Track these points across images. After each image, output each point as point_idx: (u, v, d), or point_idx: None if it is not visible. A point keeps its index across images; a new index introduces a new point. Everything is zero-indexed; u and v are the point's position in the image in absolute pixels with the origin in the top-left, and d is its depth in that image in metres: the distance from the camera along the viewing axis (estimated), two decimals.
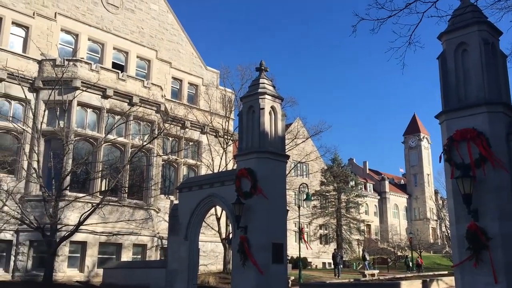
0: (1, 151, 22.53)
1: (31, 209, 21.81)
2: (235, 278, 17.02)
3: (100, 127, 24.61)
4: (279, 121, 18.41)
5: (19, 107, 23.61)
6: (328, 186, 51.59)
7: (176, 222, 19.77)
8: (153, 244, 25.90)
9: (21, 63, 23.45)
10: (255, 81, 18.81)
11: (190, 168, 31.52)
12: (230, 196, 17.53)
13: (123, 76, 26.15)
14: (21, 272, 21.60)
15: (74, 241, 22.04)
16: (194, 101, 32.53)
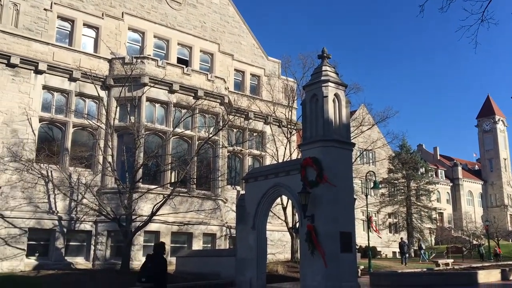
0: (78, 147, 23.98)
1: (108, 201, 23.07)
2: (304, 267, 17.04)
3: (168, 121, 25.46)
4: (343, 108, 18.08)
5: (93, 104, 24.95)
6: (397, 174, 50.09)
7: (243, 212, 20.09)
8: (222, 233, 26.53)
9: (93, 62, 24.72)
10: (318, 69, 18.57)
11: (255, 158, 31.84)
12: (295, 185, 17.52)
13: (188, 71, 26.83)
14: (100, 261, 22.96)
15: (148, 231, 23.05)
16: (257, 92, 32.73)
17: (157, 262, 9.32)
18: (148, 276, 9.07)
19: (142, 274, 9.26)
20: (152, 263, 9.30)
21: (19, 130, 22.19)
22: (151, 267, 9.24)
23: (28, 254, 21.64)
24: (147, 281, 9.07)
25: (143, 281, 9.17)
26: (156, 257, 9.49)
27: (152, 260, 9.36)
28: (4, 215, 21.11)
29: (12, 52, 22.45)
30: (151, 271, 9.11)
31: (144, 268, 9.28)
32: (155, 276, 9.15)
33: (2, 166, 21.39)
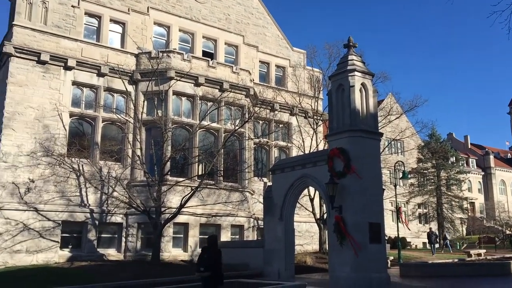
0: (108, 141, 24.44)
1: (137, 194, 23.48)
2: (332, 258, 17.01)
3: (195, 114, 25.66)
4: (370, 98, 17.87)
5: (121, 99, 25.34)
6: (426, 163, 49.20)
7: (270, 203, 20.17)
8: (249, 224, 26.68)
9: (120, 57, 25.07)
10: (344, 58, 18.40)
11: (281, 150, 31.81)
12: (323, 176, 17.47)
13: (213, 63, 26.92)
14: (131, 252, 23.44)
15: (177, 222, 23.38)
16: (282, 83, 32.60)
17: (213, 253, 10.04)
18: (206, 266, 9.83)
19: (200, 265, 9.99)
20: (208, 254, 10.01)
21: (51, 126, 22.76)
22: (207, 258, 9.95)
23: (62, 246, 22.26)
24: (205, 270, 9.81)
25: (201, 270, 9.89)
26: (211, 248, 10.19)
27: (208, 251, 10.08)
28: (38, 208, 21.74)
29: (42, 49, 22.97)
30: (208, 261, 9.88)
31: (201, 259, 10.01)
32: (211, 265, 9.86)
33: (35, 161, 22.00)
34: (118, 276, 17.73)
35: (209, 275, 9.85)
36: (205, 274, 9.88)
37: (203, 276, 9.92)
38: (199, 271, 9.98)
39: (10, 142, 21.67)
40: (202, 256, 10.14)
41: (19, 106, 22.15)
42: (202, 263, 9.93)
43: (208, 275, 9.85)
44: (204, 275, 9.89)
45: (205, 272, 9.85)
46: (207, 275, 9.87)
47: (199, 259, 10.12)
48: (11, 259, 20.64)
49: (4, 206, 20.95)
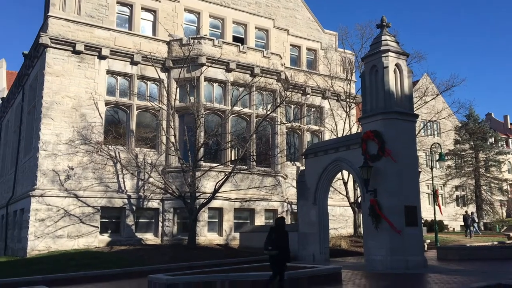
0: (143, 128, 24.91)
1: (172, 180, 23.90)
2: (368, 242, 16.92)
3: (226, 100, 25.76)
4: (405, 78, 17.49)
5: (154, 86, 25.69)
6: (464, 145, 47.90)
7: (304, 187, 20.16)
8: (283, 209, 26.77)
9: (152, 45, 25.34)
10: (377, 39, 18.03)
11: (314, 134, 31.61)
12: (356, 159, 17.32)
13: (244, 49, 26.86)
14: (168, 236, 23.96)
15: (212, 207, 23.70)
16: (313, 67, 32.25)
17: (280, 233, 10.62)
18: (274, 245, 10.42)
19: (268, 244, 10.52)
20: (276, 234, 10.57)
21: (87, 114, 23.33)
22: (275, 238, 10.50)
23: (101, 231, 22.96)
24: (273, 249, 10.41)
25: (269, 249, 10.45)
26: (278, 229, 10.76)
27: (276, 232, 10.63)
28: (78, 195, 22.45)
29: (76, 39, 23.46)
30: (276, 241, 10.47)
31: (269, 239, 10.54)
32: (279, 245, 10.46)
33: (74, 149, 22.66)
34: (156, 260, 18.22)
35: (277, 253, 10.42)
36: (273, 253, 10.45)
37: (271, 255, 10.49)
38: (267, 250, 10.51)
39: (49, 131, 22.37)
40: (270, 236, 10.64)
41: (56, 96, 22.78)
42: (270, 243, 10.46)
43: (276, 253, 10.42)
44: (272, 254, 10.46)
45: (273, 250, 10.42)
46: (275, 253, 10.44)
47: (267, 239, 10.63)
48: (54, 244, 21.47)
49: (45, 193, 21.74)
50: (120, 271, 16.29)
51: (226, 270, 14.17)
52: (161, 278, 12.66)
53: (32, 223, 21.27)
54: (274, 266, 10.66)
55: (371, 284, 13.60)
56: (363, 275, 14.88)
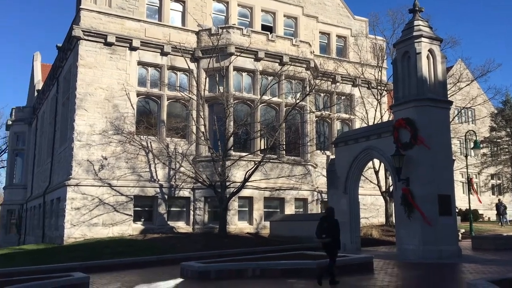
0: (173, 118, 25.21)
1: (203, 169, 24.14)
2: (400, 231, 16.72)
3: (255, 89, 25.73)
4: (438, 64, 17.06)
5: (184, 77, 25.89)
6: (500, 132, 46.40)
7: (334, 176, 20.03)
8: (313, 198, 26.69)
9: (182, 36, 25.50)
10: (409, 24, 17.62)
11: (344, 122, 31.28)
12: (388, 148, 17.07)
13: (272, 37, 26.71)
14: (199, 225, 24.28)
15: (242, 196, 23.85)
16: (343, 54, 31.80)
17: (332, 222, 11.21)
18: (327, 233, 11.00)
19: (321, 232, 11.12)
20: (328, 223, 11.15)
21: (120, 105, 23.76)
22: (327, 226, 11.09)
23: (135, 219, 23.46)
24: (327, 237, 11.00)
25: (323, 237, 11.04)
26: (329, 218, 11.33)
27: (327, 221, 11.22)
28: (112, 184, 22.97)
29: (108, 31, 23.84)
30: (328, 229, 11.04)
31: (321, 227, 11.15)
32: (332, 233, 11.04)
33: (107, 139, 23.15)
34: (187, 248, 18.51)
35: (330, 241, 11.02)
36: (326, 240, 11.04)
37: (325, 242, 11.10)
38: (320, 238, 11.12)
39: (83, 122, 22.91)
40: (322, 225, 11.20)
41: (89, 87, 23.26)
42: (323, 231, 11.07)
43: (329, 241, 11.02)
44: (326, 241, 11.06)
45: (326, 238, 11.01)
46: (328, 241, 11.03)
47: (319, 227, 11.20)
48: (89, 231, 22.09)
49: (80, 182, 22.34)
50: (153, 258, 16.64)
51: (257, 258, 14.30)
52: (194, 265, 12.88)
53: (68, 211, 21.92)
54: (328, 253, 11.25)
55: (404, 273, 13.46)
56: (395, 264, 14.73)
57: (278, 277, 12.39)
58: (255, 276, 12.60)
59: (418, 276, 13.13)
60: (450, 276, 12.73)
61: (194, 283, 12.06)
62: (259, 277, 12.55)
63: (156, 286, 11.79)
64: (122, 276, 13.80)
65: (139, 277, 13.52)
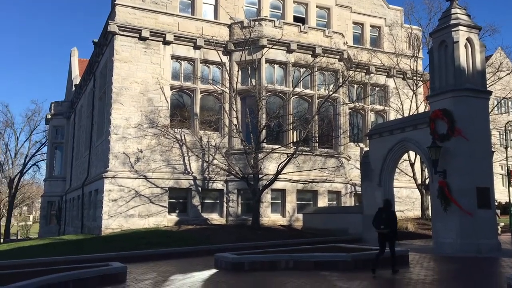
0: (206, 111, 25.44)
1: (235, 161, 24.29)
2: (436, 224, 16.40)
3: (288, 81, 25.62)
4: (477, 53, 16.55)
5: (217, 70, 26.05)
6: None
7: (368, 169, 19.80)
8: (346, 190, 26.45)
9: (214, 29, 25.63)
10: (446, 12, 17.14)
11: (378, 114, 30.79)
12: (424, 140, 16.73)
13: (305, 28, 26.48)
14: (232, 217, 24.49)
15: (275, 189, 23.88)
16: (378, 44, 31.23)
17: (390, 213, 11.73)
18: (385, 224, 11.49)
19: (379, 223, 11.61)
20: (386, 214, 11.64)
21: (154, 99, 24.15)
22: (385, 217, 11.57)
23: (169, 211, 23.88)
24: (385, 228, 11.47)
25: (382, 228, 11.52)
26: (387, 210, 11.82)
27: (385, 212, 11.71)
28: (147, 176, 23.44)
29: (142, 26, 24.21)
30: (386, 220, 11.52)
31: (379, 219, 11.65)
32: (390, 224, 11.53)
33: (142, 132, 23.60)
34: (221, 239, 18.72)
35: (388, 231, 11.49)
36: (385, 231, 11.50)
37: (383, 233, 11.54)
38: (379, 228, 11.58)
39: (119, 116, 23.42)
40: (380, 216, 11.70)
41: (125, 82, 23.73)
42: (381, 222, 11.54)
43: (388, 231, 11.48)
44: (384, 232, 11.51)
45: (385, 229, 11.47)
46: (386, 231, 11.49)
47: (377, 219, 11.71)
48: (126, 222, 22.64)
49: (117, 174, 22.89)
50: (188, 249, 16.92)
51: (290, 250, 14.32)
52: (228, 256, 13.03)
53: (105, 203, 22.52)
54: (383, 243, 11.62)
55: (440, 267, 13.21)
56: (431, 258, 14.47)
57: (311, 269, 12.38)
58: (288, 268, 12.64)
59: (455, 270, 12.86)
60: (489, 270, 12.42)
61: (228, 274, 12.20)
62: (292, 269, 12.59)
63: (191, 276, 11.99)
64: (158, 266, 14.10)
65: (174, 267, 13.79)
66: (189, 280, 11.35)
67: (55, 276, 10.19)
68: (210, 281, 11.34)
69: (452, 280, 11.48)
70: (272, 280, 11.18)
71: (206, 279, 11.55)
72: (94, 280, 10.83)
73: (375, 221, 11.78)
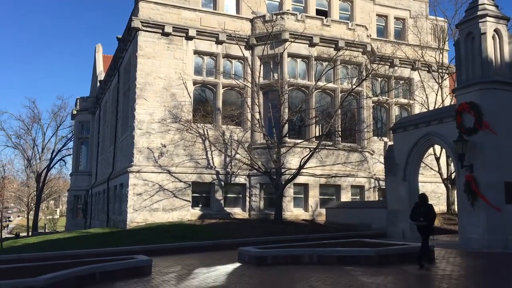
0: (228, 106, 25.51)
1: (258, 156, 24.33)
2: (463, 220, 16.13)
3: (310, 75, 25.48)
4: (505, 45, 16.15)
5: (239, 65, 26.07)
6: None
7: (392, 163, 19.57)
8: (370, 185, 26.22)
9: (236, 24, 25.63)
10: (473, 3, 16.75)
11: (402, 107, 30.36)
12: (450, 133, 16.44)
13: (327, 22, 26.25)
14: (255, 211, 24.56)
15: (297, 183, 23.82)
16: (402, 37, 30.74)
17: (428, 207, 12.26)
18: (424, 217, 12.03)
19: (418, 216, 12.16)
20: (424, 208, 12.20)
21: (177, 94, 24.33)
22: (424, 211, 12.12)
23: (193, 205, 24.09)
24: (424, 220, 12.04)
25: (421, 220, 12.09)
26: (424, 203, 12.36)
27: (423, 206, 12.28)
28: (171, 170, 23.67)
29: (165, 22, 24.39)
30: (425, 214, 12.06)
31: (418, 211, 12.24)
32: (429, 216, 12.10)
33: (166, 127, 23.83)
34: (244, 233, 18.80)
35: (427, 224, 12.08)
36: (423, 223, 12.06)
37: (422, 225, 12.09)
38: (418, 221, 12.15)
39: (143, 111, 23.69)
40: (418, 209, 12.27)
41: (149, 77, 23.98)
42: (420, 215, 12.11)
43: (426, 224, 12.07)
44: (423, 224, 12.07)
45: (423, 222, 12.04)
46: (425, 224, 12.07)
47: (415, 212, 12.31)
48: (150, 216, 22.95)
49: (142, 169, 23.19)
50: (211, 243, 17.06)
51: (313, 244, 14.29)
52: (251, 250, 13.09)
53: (130, 197, 22.86)
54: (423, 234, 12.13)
55: (467, 262, 13.00)
56: (457, 253, 14.25)
57: (334, 264, 12.33)
58: (312, 263, 12.61)
59: (482, 265, 12.64)
60: None
61: (251, 268, 12.26)
62: (315, 263, 12.56)
63: (215, 269, 12.09)
64: (182, 260, 14.26)
65: (198, 261, 13.92)
66: (213, 274, 11.45)
67: (84, 268, 10.42)
68: (234, 275, 11.41)
69: (479, 276, 11.28)
70: (295, 274, 11.18)
71: (230, 273, 11.63)
72: (120, 272, 11.03)
73: (414, 214, 12.29)
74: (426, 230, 12.13)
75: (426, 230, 12.13)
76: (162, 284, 10.23)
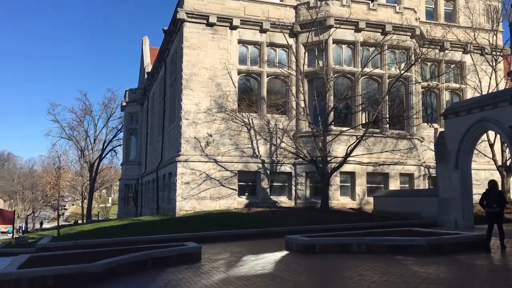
0: (273, 95, 25.47)
1: (303, 144, 24.21)
2: None
3: (356, 61, 24.99)
4: None
5: (283, 53, 25.92)
6: None
7: (443, 150, 18.96)
8: (420, 173, 25.54)
9: (280, 11, 25.46)
10: None
11: (453, 92, 29.27)
12: (505, 118, 15.72)
13: (374, 6, 25.59)
14: (301, 200, 24.52)
15: (344, 171, 23.56)
16: (453, 19, 29.54)
17: (499, 193, 12.56)
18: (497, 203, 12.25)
19: (491, 202, 12.32)
20: (495, 194, 12.37)
21: (222, 84, 24.54)
22: (495, 197, 12.29)
23: (239, 193, 24.35)
24: (497, 206, 12.25)
25: (494, 206, 12.27)
26: (494, 190, 12.51)
27: (493, 192, 12.41)
28: (217, 160, 23.99)
29: (209, 12, 24.56)
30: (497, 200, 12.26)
31: (489, 198, 12.37)
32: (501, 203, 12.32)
33: (211, 117, 24.12)
34: (291, 221, 18.83)
35: (499, 210, 12.31)
36: (497, 209, 12.28)
37: (496, 211, 12.29)
38: (491, 207, 12.33)
39: (189, 101, 24.07)
40: (489, 196, 12.40)
41: (194, 68, 24.30)
42: (492, 201, 12.27)
43: (499, 210, 12.30)
44: (496, 210, 12.28)
45: (496, 208, 12.25)
46: (498, 210, 12.29)
47: (486, 199, 12.44)
48: (198, 204, 23.40)
49: (189, 158, 23.63)
50: (258, 231, 17.21)
51: (362, 233, 14.12)
52: (298, 238, 13.09)
53: (179, 185, 23.38)
54: (492, 222, 12.36)
55: None
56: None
57: (384, 253, 12.15)
58: (360, 252, 12.47)
59: None
60: None
61: (299, 256, 12.27)
62: (364, 252, 12.41)
63: (263, 257, 12.19)
64: (230, 247, 14.47)
65: (246, 249, 14.08)
66: (261, 261, 11.55)
67: (137, 255, 10.79)
68: (281, 262, 11.48)
69: None
70: (344, 263, 11.11)
71: (277, 260, 11.70)
72: (172, 259, 11.36)
73: (486, 201, 12.40)
74: (499, 217, 12.30)
75: (499, 217, 12.30)
76: (212, 271, 10.44)
